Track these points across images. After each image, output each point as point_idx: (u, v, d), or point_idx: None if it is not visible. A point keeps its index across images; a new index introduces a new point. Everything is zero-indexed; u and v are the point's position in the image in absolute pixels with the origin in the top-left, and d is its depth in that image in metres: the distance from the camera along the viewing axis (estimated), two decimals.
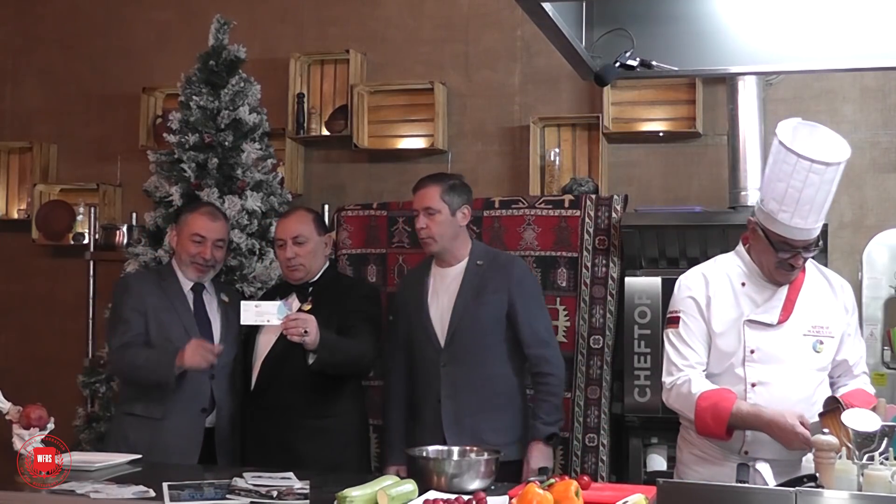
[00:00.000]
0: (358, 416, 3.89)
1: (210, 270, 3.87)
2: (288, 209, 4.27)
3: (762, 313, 3.10)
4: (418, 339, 3.78)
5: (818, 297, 3.15)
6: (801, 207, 2.94)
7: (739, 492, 2.56)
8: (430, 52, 5.48)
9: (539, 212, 4.76)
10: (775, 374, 3.07)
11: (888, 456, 2.51)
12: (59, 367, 5.64)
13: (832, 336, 3.12)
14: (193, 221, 3.84)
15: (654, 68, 3.18)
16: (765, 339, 3.09)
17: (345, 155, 5.55)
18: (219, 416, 3.74)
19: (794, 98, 4.98)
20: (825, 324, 3.11)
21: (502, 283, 3.70)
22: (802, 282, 3.14)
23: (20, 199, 6.08)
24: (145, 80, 5.76)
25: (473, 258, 3.76)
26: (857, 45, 3.13)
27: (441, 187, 3.73)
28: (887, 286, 4.33)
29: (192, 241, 3.81)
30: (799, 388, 3.06)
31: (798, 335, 3.09)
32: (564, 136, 5.25)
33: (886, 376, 4.29)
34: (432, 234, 3.71)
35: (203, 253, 3.80)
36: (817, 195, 2.92)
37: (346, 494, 2.68)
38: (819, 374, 3.10)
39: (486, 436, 3.50)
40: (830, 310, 3.15)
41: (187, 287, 3.84)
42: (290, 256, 3.81)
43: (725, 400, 3.02)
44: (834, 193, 2.99)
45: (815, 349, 3.08)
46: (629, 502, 2.63)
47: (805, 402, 3.02)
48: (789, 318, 3.09)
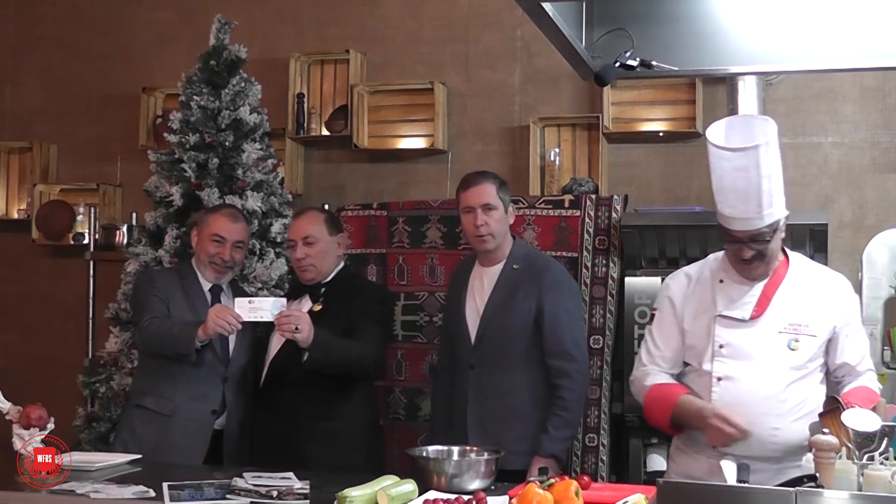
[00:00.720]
0: (366, 418, 3.82)
1: (228, 272, 3.87)
2: (300, 209, 4.23)
3: (734, 309, 3.10)
4: (455, 336, 3.76)
5: (800, 295, 3.10)
6: (730, 196, 2.97)
7: (739, 492, 2.56)
8: (430, 52, 5.48)
9: (539, 212, 4.76)
10: (743, 371, 3.05)
11: (888, 456, 2.51)
12: (59, 367, 5.64)
13: (813, 335, 3.07)
14: (214, 222, 3.85)
15: (654, 68, 3.18)
16: (736, 335, 3.08)
17: (345, 155, 5.55)
18: (229, 418, 3.75)
19: (794, 98, 4.99)
20: (805, 322, 3.07)
21: (533, 288, 3.61)
22: (783, 278, 3.12)
23: (20, 199, 6.09)
24: (145, 80, 5.76)
25: (511, 260, 3.69)
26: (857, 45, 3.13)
27: (495, 184, 3.68)
28: (887, 286, 4.33)
29: (211, 241, 3.81)
30: (767, 385, 3.03)
31: (772, 332, 3.07)
32: (564, 136, 5.25)
33: (886, 376, 4.28)
34: (492, 230, 3.63)
35: (222, 253, 3.80)
36: (740, 183, 2.93)
37: (346, 494, 2.68)
38: (793, 373, 3.05)
39: (508, 444, 3.36)
40: (814, 308, 3.09)
41: (206, 288, 3.85)
42: (300, 257, 3.78)
43: (672, 394, 3.10)
44: (772, 181, 2.96)
45: (789, 347, 3.05)
46: (629, 502, 2.63)
47: (772, 400, 3.01)
48: (763, 315, 3.07)
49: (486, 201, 3.63)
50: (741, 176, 2.94)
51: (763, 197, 2.96)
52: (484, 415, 3.62)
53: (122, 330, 4.90)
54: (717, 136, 3.00)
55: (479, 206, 3.63)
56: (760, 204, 2.96)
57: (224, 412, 3.74)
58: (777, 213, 3.02)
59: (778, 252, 3.13)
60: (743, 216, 2.98)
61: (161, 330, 3.64)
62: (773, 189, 2.98)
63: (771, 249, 3.06)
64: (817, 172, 4.96)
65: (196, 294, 3.82)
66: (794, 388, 3.04)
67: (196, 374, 3.67)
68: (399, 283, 4.90)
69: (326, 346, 3.56)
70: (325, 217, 3.92)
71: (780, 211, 3.04)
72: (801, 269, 3.17)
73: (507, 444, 3.37)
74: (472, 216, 3.65)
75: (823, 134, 4.98)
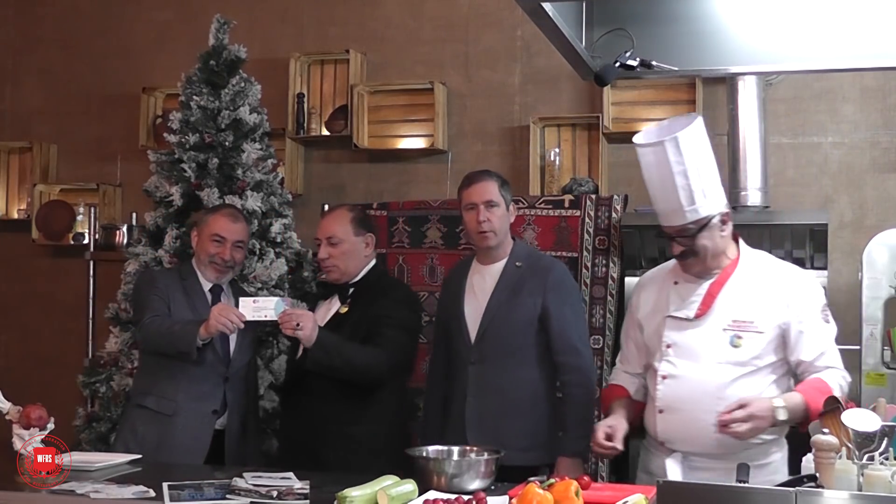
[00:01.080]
0: (389, 424, 3.71)
1: (228, 272, 3.87)
2: (331, 206, 4.15)
3: (682, 309, 3.13)
4: (453, 334, 3.74)
5: (746, 292, 3.10)
6: (652, 191, 3.05)
7: (739, 492, 2.56)
8: (430, 52, 5.49)
9: (539, 212, 4.76)
10: (687, 369, 3.08)
11: (888, 456, 2.51)
12: (59, 367, 5.65)
13: (759, 331, 3.06)
14: (214, 222, 3.84)
15: (654, 68, 3.18)
16: (682, 334, 3.12)
17: (345, 155, 5.55)
18: (230, 419, 3.74)
19: (794, 98, 4.99)
20: (750, 318, 3.06)
21: (538, 286, 3.61)
22: (729, 276, 3.12)
23: (20, 199, 6.09)
24: (145, 80, 5.76)
25: (513, 258, 3.69)
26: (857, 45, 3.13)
27: (497, 182, 3.68)
28: (887, 286, 4.32)
29: (211, 241, 3.80)
30: (708, 383, 3.04)
31: (717, 330, 3.08)
32: (564, 136, 5.25)
33: (886, 376, 4.29)
34: (494, 227, 3.62)
35: (222, 253, 3.79)
36: (655, 178, 3.00)
37: (346, 494, 2.68)
38: (736, 370, 3.05)
39: (507, 440, 3.36)
40: (761, 305, 3.08)
41: (206, 288, 3.84)
42: (324, 257, 3.74)
43: (612, 395, 3.28)
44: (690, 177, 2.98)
45: (732, 344, 3.05)
46: (629, 502, 2.63)
47: (713, 397, 3.01)
48: (707, 313, 3.09)
49: (488, 198, 3.63)
50: (656, 172, 3.02)
51: (680, 192, 2.99)
52: (483, 410, 3.62)
53: (122, 330, 4.90)
54: (641, 133, 3.11)
55: (482, 203, 3.63)
56: (679, 199, 3.00)
57: (225, 412, 3.74)
58: (704, 210, 3.03)
59: (723, 249, 3.12)
60: (664, 211, 3.05)
61: (162, 328, 3.63)
62: (692, 185, 3.00)
63: (702, 246, 3.06)
64: (817, 172, 4.97)
65: (196, 294, 3.81)
66: (738, 385, 3.04)
67: (197, 374, 3.67)
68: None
69: (329, 348, 3.52)
70: (353, 216, 3.81)
71: (709, 208, 3.04)
72: (752, 266, 3.16)
73: (506, 439, 3.37)
74: (474, 213, 3.64)
75: (823, 134, 4.98)
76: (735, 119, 4.75)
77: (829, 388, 2.96)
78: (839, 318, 4.59)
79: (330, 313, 3.76)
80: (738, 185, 4.72)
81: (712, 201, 3.05)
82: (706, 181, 3.03)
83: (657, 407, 3.14)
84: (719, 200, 3.08)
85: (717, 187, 3.09)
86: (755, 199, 4.71)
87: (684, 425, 3.06)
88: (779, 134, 4.99)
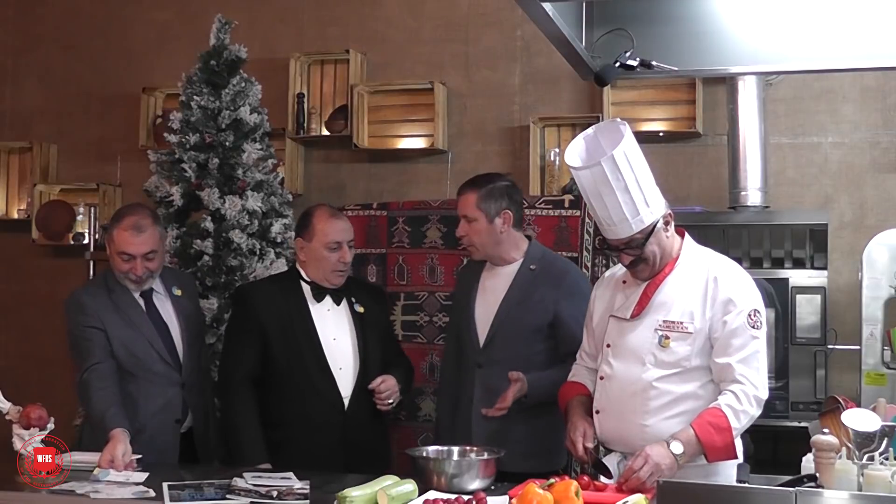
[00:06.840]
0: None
1: (148, 280, 3.63)
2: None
3: (621, 309, 3.13)
4: (462, 335, 3.73)
5: (679, 293, 3.06)
6: (595, 208, 3.00)
7: (739, 492, 2.56)
8: (430, 52, 5.49)
9: (539, 212, 4.76)
10: (620, 368, 3.08)
11: (888, 456, 2.51)
12: (59, 367, 5.62)
13: (689, 332, 3.01)
14: (118, 238, 3.56)
15: (654, 68, 3.18)
16: (620, 334, 3.11)
17: (345, 155, 5.55)
18: (194, 417, 3.67)
19: (794, 98, 4.99)
20: (680, 319, 3.03)
21: (550, 292, 3.58)
22: (666, 276, 3.08)
23: (20, 199, 6.09)
24: (145, 80, 5.76)
25: (527, 261, 3.65)
26: (857, 45, 3.13)
27: (477, 194, 3.60)
28: (887, 286, 4.33)
29: (119, 258, 3.56)
30: (636, 383, 3.03)
31: (649, 330, 3.06)
32: (564, 136, 5.25)
33: (886, 376, 4.29)
34: (472, 241, 3.62)
35: (134, 270, 3.55)
36: (596, 197, 2.96)
37: (346, 494, 2.68)
38: (663, 371, 3.02)
39: (511, 445, 3.33)
40: (691, 305, 3.05)
41: (137, 294, 3.64)
42: (348, 261, 3.72)
43: (567, 394, 3.25)
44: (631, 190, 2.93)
45: (659, 344, 3.03)
46: (629, 502, 2.63)
47: (640, 397, 3.01)
48: (642, 314, 3.08)
49: (463, 213, 3.62)
50: (595, 191, 2.96)
51: (624, 207, 2.95)
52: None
53: None
54: (569, 153, 3.02)
55: (461, 216, 3.65)
56: (623, 213, 2.96)
57: (188, 415, 3.65)
58: (649, 218, 2.98)
59: (667, 250, 3.08)
60: (610, 226, 3.00)
61: (85, 396, 3.49)
62: (634, 197, 2.96)
63: (651, 252, 3.03)
64: (817, 172, 4.97)
65: (127, 304, 3.62)
66: (665, 386, 3.02)
67: (154, 391, 3.57)
68: (399, 283, 4.90)
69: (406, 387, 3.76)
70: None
71: (652, 214, 2.99)
72: (690, 265, 3.10)
73: (511, 444, 3.35)
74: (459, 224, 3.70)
75: (823, 134, 4.98)
76: (735, 119, 4.76)
77: (727, 422, 2.89)
78: (839, 318, 4.66)
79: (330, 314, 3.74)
80: (738, 185, 4.72)
81: (654, 207, 3.00)
82: (646, 190, 2.97)
83: (594, 407, 3.14)
84: (660, 204, 3.02)
85: (656, 192, 3.02)
86: (755, 199, 4.72)
87: (616, 426, 3.07)
88: (779, 134, 4.99)
